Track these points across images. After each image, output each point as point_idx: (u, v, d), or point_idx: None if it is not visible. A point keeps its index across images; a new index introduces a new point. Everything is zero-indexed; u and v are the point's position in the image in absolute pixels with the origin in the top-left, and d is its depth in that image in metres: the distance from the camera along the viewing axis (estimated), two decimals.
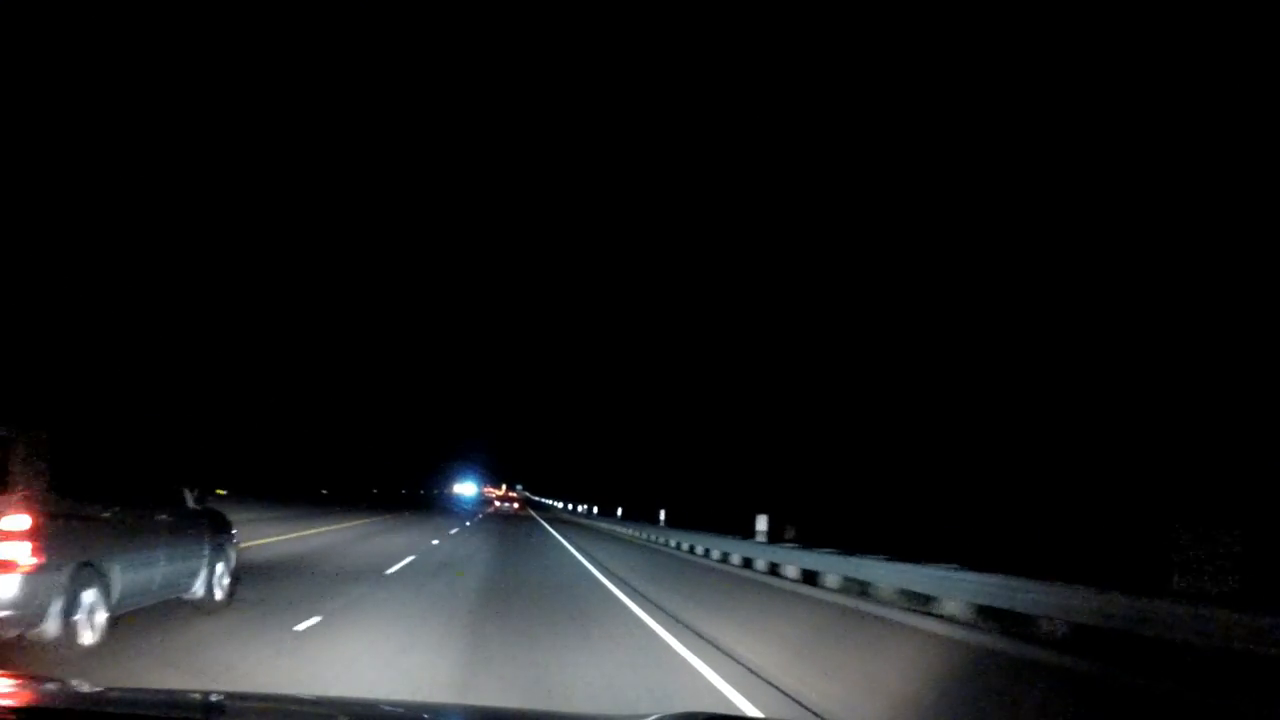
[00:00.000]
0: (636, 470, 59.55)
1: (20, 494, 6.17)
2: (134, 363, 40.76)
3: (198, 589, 9.02)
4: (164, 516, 8.28)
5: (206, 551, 9.21)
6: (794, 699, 6.66)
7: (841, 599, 11.43)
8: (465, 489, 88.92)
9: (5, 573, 5.98)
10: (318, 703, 3.21)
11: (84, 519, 6.83)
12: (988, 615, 9.45)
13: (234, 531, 10.26)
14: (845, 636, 8.55)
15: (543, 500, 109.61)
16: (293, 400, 60.15)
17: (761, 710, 6.28)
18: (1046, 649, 7.53)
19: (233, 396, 50.49)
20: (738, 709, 6.10)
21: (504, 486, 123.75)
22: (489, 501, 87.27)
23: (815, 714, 6.13)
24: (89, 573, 6.74)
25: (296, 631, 8.50)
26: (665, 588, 14.45)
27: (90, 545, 6.81)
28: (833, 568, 13.58)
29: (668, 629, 10.00)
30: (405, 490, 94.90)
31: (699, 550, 22.41)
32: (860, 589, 12.27)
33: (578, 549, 24.90)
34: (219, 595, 9.46)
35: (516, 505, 70.09)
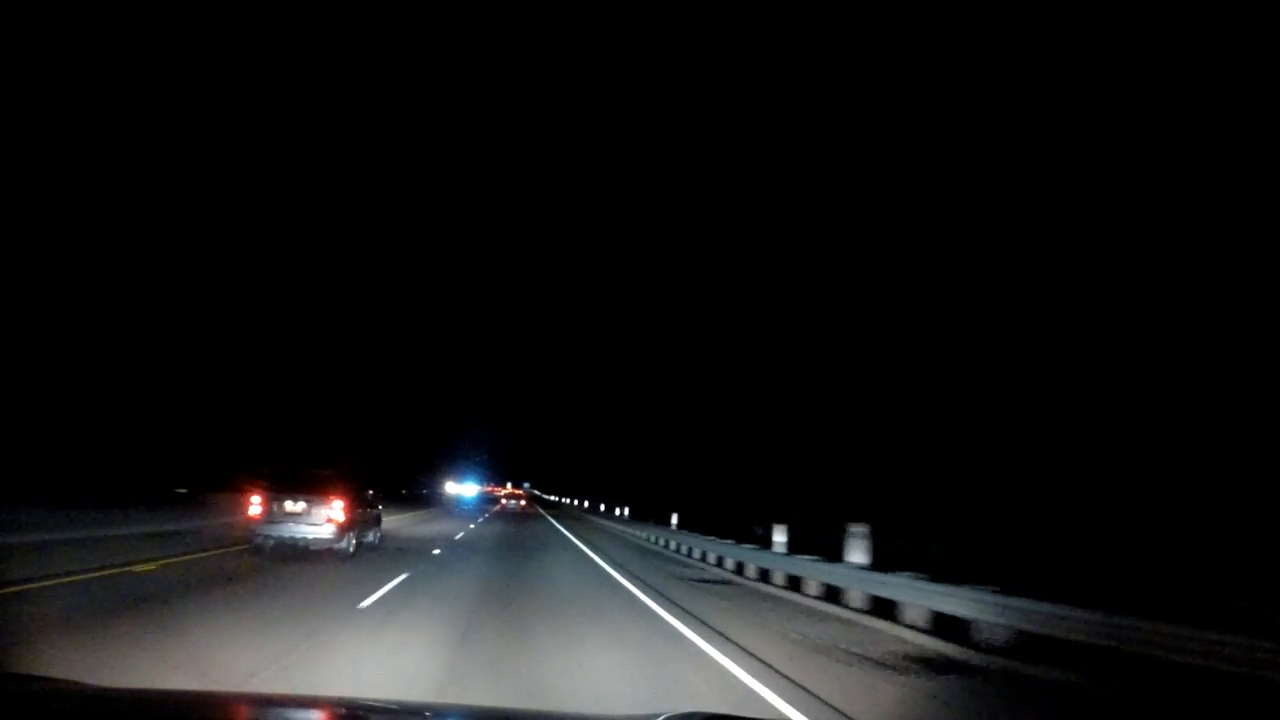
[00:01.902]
0: (667, 470, 56.20)
1: (339, 494, 16.04)
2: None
3: (371, 539, 18.87)
4: (367, 501, 18.21)
5: (375, 522, 19.13)
6: None
7: None
8: (465, 489, 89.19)
9: (334, 525, 15.82)
10: (317, 702, 3.27)
11: (351, 503, 16.66)
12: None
13: (380, 510, 20.21)
14: None
15: (561, 500, 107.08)
16: (287, 396, 58.01)
17: None
18: None
19: (230, 390, 49.56)
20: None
21: (509, 485, 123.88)
22: (494, 500, 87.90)
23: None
24: (352, 527, 16.60)
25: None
26: None
27: (354, 516, 16.67)
28: None
29: None
30: (405, 490, 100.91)
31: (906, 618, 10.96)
32: None
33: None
34: (378, 542, 19.34)
35: (524, 503, 73.31)
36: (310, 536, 15.70)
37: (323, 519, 15.76)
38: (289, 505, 15.74)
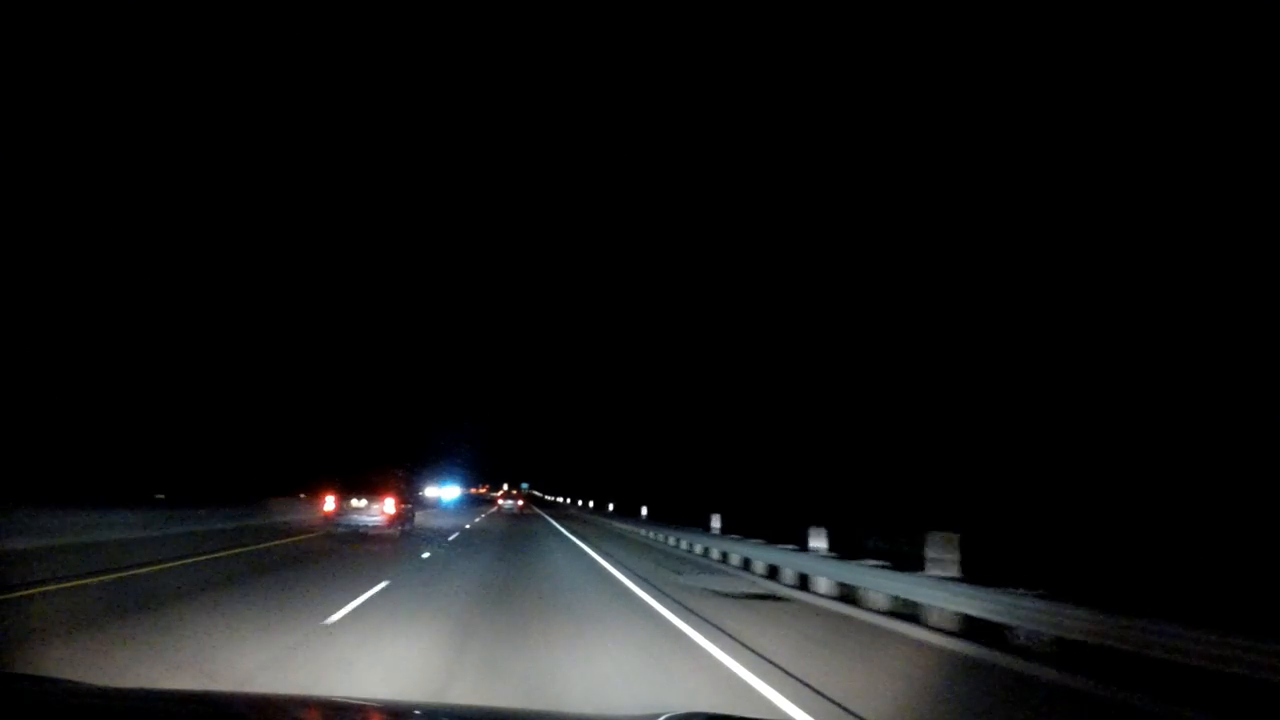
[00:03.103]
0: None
1: (389, 494, 22.49)
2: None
3: (408, 528, 25.32)
4: (405, 500, 24.67)
5: (411, 516, 25.60)
6: None
7: None
8: (446, 492, 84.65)
9: (386, 516, 22.36)
10: (316, 703, 3.31)
11: (398, 501, 23.04)
12: None
13: (413, 507, 26.63)
14: None
15: (560, 500, 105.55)
16: (272, 392, 58.15)
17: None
18: None
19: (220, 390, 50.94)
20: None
21: (505, 485, 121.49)
22: (488, 501, 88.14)
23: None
24: (399, 519, 23.00)
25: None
26: None
27: (399, 510, 23.12)
28: None
29: None
30: (421, 493, 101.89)
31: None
32: None
33: None
34: (412, 530, 25.77)
35: (521, 503, 73.85)
36: (370, 524, 22.15)
37: (378, 512, 22.18)
38: (354, 503, 22.19)
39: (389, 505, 22.49)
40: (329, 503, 22.62)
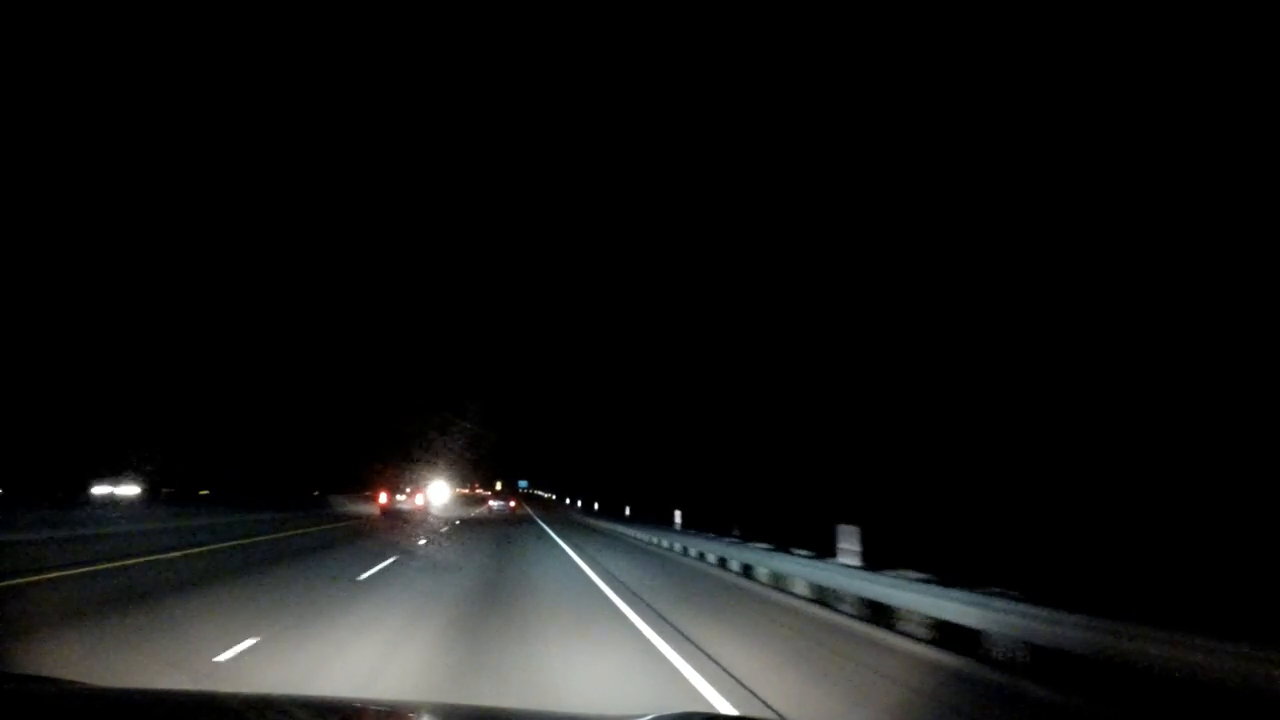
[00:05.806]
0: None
1: (419, 491, 36.56)
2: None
3: (432, 512, 39.35)
4: (428, 495, 38.94)
5: (430, 505, 39.85)
6: None
7: None
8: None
9: (417, 507, 36.24)
10: (316, 703, 3.28)
11: (423, 496, 37.15)
12: None
13: (430, 500, 40.95)
14: None
15: (562, 500, 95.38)
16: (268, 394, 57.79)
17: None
18: None
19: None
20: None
21: (499, 484, 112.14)
22: (479, 501, 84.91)
23: None
24: (426, 507, 37.16)
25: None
26: None
27: (425, 503, 37.19)
28: None
29: None
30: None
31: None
32: None
33: None
34: (431, 514, 39.90)
35: (513, 504, 67.83)
36: (408, 509, 35.89)
37: (412, 504, 36.10)
38: (398, 497, 36.02)
39: (418, 500, 36.25)
40: (383, 498, 36.53)
